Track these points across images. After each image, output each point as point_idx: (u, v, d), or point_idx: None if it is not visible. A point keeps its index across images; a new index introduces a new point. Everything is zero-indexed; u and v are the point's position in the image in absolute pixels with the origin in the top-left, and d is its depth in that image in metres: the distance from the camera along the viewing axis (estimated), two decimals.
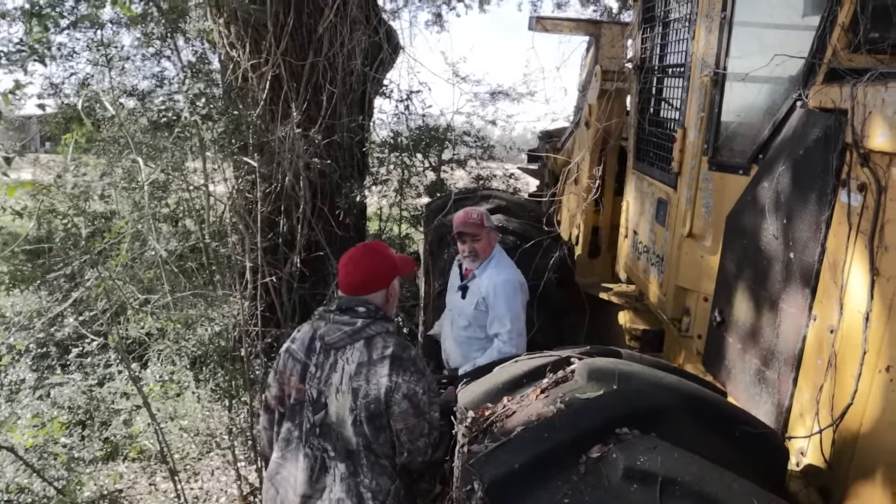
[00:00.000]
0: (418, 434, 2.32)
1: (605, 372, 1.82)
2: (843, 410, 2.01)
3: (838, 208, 2.10)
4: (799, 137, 2.42)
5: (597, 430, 1.58)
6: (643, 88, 3.74)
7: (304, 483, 2.37)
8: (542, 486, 1.52)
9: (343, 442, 2.34)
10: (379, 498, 2.33)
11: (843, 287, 2.06)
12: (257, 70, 5.64)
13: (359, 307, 2.41)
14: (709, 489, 1.43)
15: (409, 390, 2.29)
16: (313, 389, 2.39)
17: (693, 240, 3.07)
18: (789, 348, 2.32)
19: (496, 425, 1.77)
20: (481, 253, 3.38)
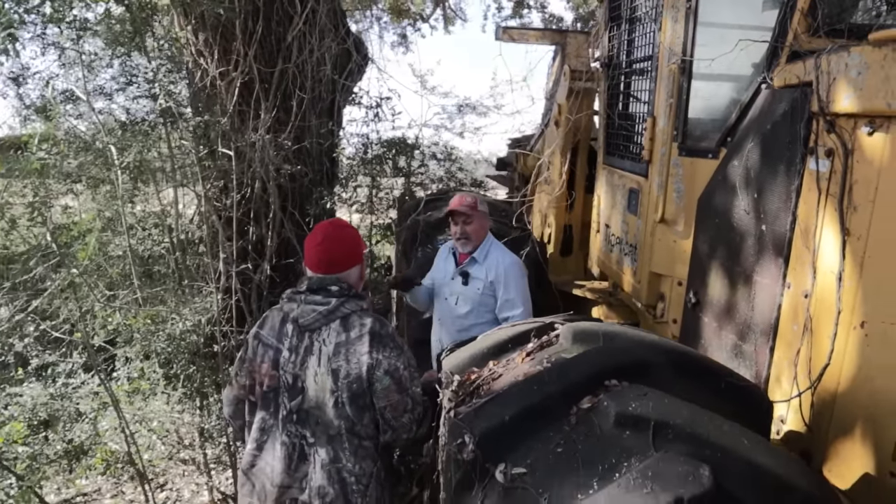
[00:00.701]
0: (402, 410, 2.27)
1: (589, 333, 1.82)
2: (820, 372, 2.04)
3: (807, 176, 2.17)
4: (765, 115, 2.50)
5: (586, 381, 1.58)
6: (612, 85, 3.82)
7: (282, 473, 2.28)
8: (534, 437, 1.50)
9: (323, 426, 2.26)
10: (362, 482, 2.27)
11: (816, 251, 2.11)
12: (226, 77, 5.60)
13: (331, 286, 2.34)
14: (700, 430, 1.43)
15: (390, 366, 2.24)
16: (288, 375, 2.30)
17: (665, 225, 3.12)
18: (765, 319, 2.37)
19: (482, 388, 1.76)
20: (472, 235, 3.36)
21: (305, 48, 5.80)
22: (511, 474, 1.46)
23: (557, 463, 1.44)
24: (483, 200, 3.45)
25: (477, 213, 3.33)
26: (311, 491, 2.26)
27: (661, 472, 1.31)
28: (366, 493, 2.27)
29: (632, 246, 3.44)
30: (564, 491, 1.38)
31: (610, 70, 3.84)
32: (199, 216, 4.44)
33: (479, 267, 3.35)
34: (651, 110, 3.17)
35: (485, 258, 3.36)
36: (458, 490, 1.51)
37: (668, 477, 1.30)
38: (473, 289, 3.32)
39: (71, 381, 3.77)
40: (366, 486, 2.27)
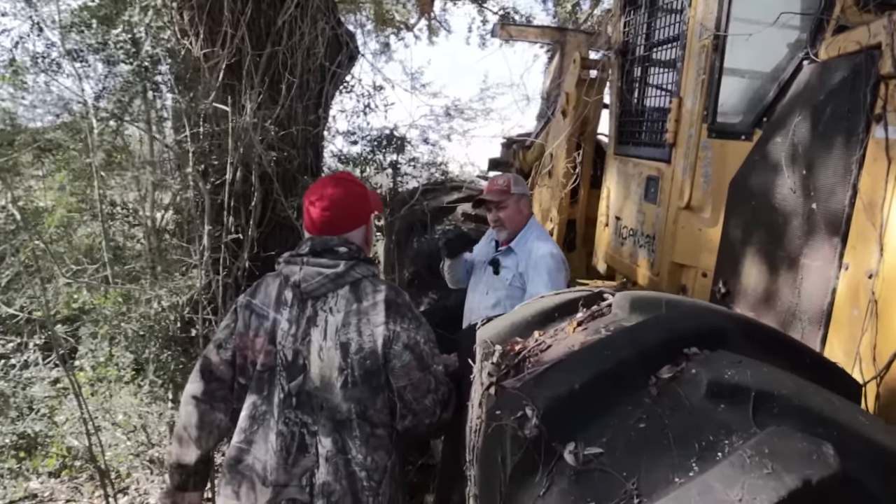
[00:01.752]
0: (425, 390, 1.96)
1: (650, 300, 1.59)
2: (890, 359, 1.84)
3: (872, 145, 1.99)
4: (815, 88, 2.33)
5: (664, 347, 1.34)
6: (627, 71, 3.65)
7: (277, 468, 1.93)
8: (609, 411, 1.26)
9: (329, 411, 1.93)
10: (375, 477, 1.93)
11: (883, 226, 1.92)
12: (210, 59, 5.30)
13: (339, 247, 2.02)
14: (811, 404, 1.20)
15: (409, 340, 1.94)
16: (287, 350, 1.97)
17: (691, 212, 2.92)
18: (815, 305, 2.17)
19: (529, 360, 1.51)
20: (508, 222, 3.02)
21: (296, 33, 5.55)
22: (584, 455, 1.20)
23: (641, 441, 1.20)
24: (519, 180, 3.11)
25: (511, 196, 3.00)
26: (314, 489, 1.90)
27: (779, 450, 1.08)
28: (378, 491, 1.93)
29: (648, 237, 3.24)
30: (656, 473, 1.13)
31: (625, 57, 3.66)
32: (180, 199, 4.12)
33: (512, 256, 3.00)
34: (677, 91, 2.98)
35: (521, 246, 3.00)
36: (517, 475, 1.25)
37: (788, 455, 1.07)
38: (502, 279, 2.98)
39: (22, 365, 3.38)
40: (378, 482, 1.93)
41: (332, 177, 2.21)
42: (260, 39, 5.52)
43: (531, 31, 5.74)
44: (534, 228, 3.06)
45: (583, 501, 1.13)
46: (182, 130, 4.87)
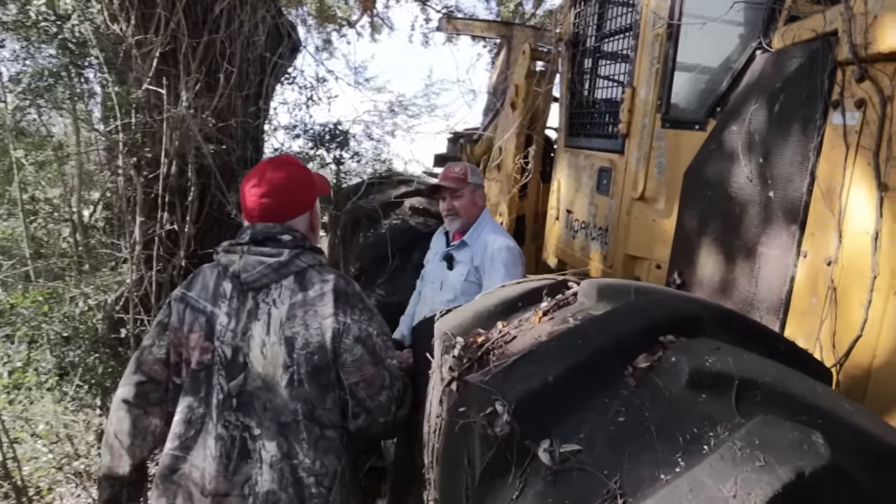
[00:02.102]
0: (379, 387, 1.81)
1: (618, 288, 1.51)
2: (850, 345, 1.82)
3: (830, 131, 1.97)
4: (769, 77, 2.31)
5: (639, 336, 1.26)
6: (577, 63, 3.60)
7: (217, 476, 1.75)
8: (586, 405, 1.16)
9: (273, 413, 1.77)
10: (324, 483, 1.77)
11: (842, 213, 1.90)
12: (143, 46, 5.01)
13: (282, 235, 1.86)
14: (795, 391, 1.14)
15: (361, 332, 1.79)
16: (226, 347, 1.81)
17: (644, 203, 2.89)
18: (773, 294, 2.15)
19: (494, 352, 1.40)
20: (462, 212, 2.90)
21: (235, 21, 5.31)
22: (560, 452, 1.10)
23: (622, 435, 1.11)
24: (475, 170, 2.99)
25: (467, 185, 2.88)
26: (257, 498, 1.74)
27: (769, 441, 1.01)
28: (328, 499, 1.78)
29: (601, 229, 3.19)
30: (640, 470, 1.04)
31: (576, 48, 3.62)
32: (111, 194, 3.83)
33: (466, 250, 2.89)
34: (630, 81, 2.95)
35: (476, 240, 2.89)
36: (486, 477, 1.14)
37: (779, 446, 1.00)
38: (457, 274, 2.85)
39: None
40: (328, 488, 1.77)
41: (272, 159, 2.03)
42: (197, 27, 5.25)
43: (477, 25, 5.66)
44: (488, 221, 2.96)
45: (561, 503, 1.03)
46: (113, 120, 4.58)
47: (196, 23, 5.26)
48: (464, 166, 2.97)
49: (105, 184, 3.83)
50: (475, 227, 2.91)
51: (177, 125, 4.28)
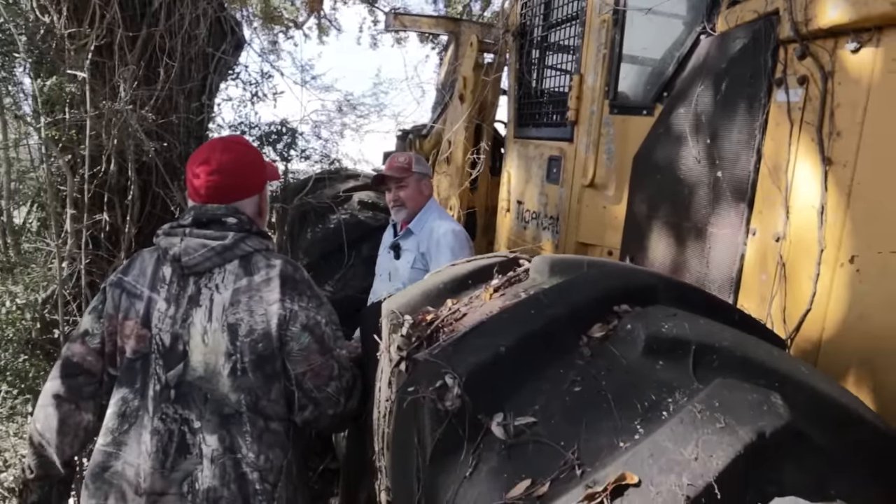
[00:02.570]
0: (327, 377, 1.73)
1: (570, 264, 1.47)
2: (799, 319, 1.83)
3: (774, 109, 1.98)
4: (714, 60, 2.33)
5: (594, 305, 1.22)
6: (524, 53, 3.59)
7: (153, 473, 1.64)
8: (540, 376, 1.11)
9: (215, 404, 1.67)
10: (269, 479, 1.68)
11: (788, 189, 1.91)
12: (77, 39, 4.79)
13: (227, 218, 1.77)
14: (752, 355, 1.11)
15: (309, 320, 1.72)
16: (165, 334, 1.71)
17: (595, 190, 2.88)
18: (724, 272, 2.15)
19: (444, 330, 1.34)
20: (408, 202, 2.88)
21: (174, 15, 5.13)
22: (515, 426, 1.05)
23: (578, 406, 1.06)
24: (420, 160, 2.97)
25: (412, 175, 2.87)
26: (196, 496, 1.63)
27: (729, 403, 0.98)
28: (273, 495, 1.68)
29: (552, 218, 3.18)
30: (598, 439, 1.00)
31: (523, 39, 3.60)
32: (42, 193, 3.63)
33: (412, 238, 2.86)
34: (578, 68, 2.94)
35: (421, 227, 2.87)
36: (437, 456, 1.07)
37: (739, 408, 0.97)
38: (404, 263, 2.83)
39: None
40: (273, 484, 1.68)
41: (222, 138, 1.94)
42: (134, 20, 5.06)
43: (425, 21, 5.62)
44: (434, 209, 2.94)
45: (517, 478, 0.98)
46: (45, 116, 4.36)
47: (133, 16, 5.07)
48: (408, 156, 2.94)
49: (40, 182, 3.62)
50: (420, 214, 2.89)
51: (115, 120, 4.09)
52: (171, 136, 4.95)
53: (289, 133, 5.66)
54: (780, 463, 0.96)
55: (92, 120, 4.35)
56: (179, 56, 4.91)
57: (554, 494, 0.93)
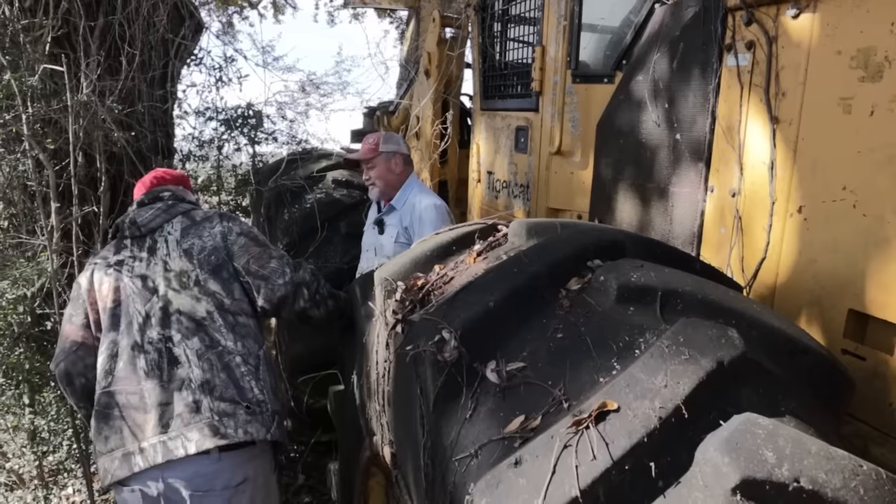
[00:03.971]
0: (267, 257, 2.10)
1: (545, 226, 1.60)
2: (756, 267, 1.99)
3: (726, 73, 2.12)
4: (669, 27, 2.45)
5: (570, 261, 1.35)
6: (486, 27, 3.67)
7: (155, 389, 1.88)
8: (525, 327, 1.24)
9: (188, 315, 1.97)
10: (250, 362, 1.95)
11: (741, 147, 2.07)
12: (31, 31, 4.71)
13: (164, 193, 2.23)
14: (711, 297, 1.26)
15: (242, 228, 2.15)
16: (135, 279, 2.04)
17: (562, 157, 3.01)
18: (686, 228, 2.31)
19: (434, 293, 1.46)
20: (378, 181, 3.00)
21: (131, 3, 5.06)
22: (507, 371, 1.18)
23: (561, 350, 1.20)
24: (390, 138, 3.07)
25: (379, 155, 2.98)
26: (195, 393, 1.86)
27: (692, 338, 1.12)
28: (258, 376, 1.95)
29: (522, 186, 3.30)
30: (581, 378, 1.14)
31: (485, 12, 3.68)
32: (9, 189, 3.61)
33: (395, 213, 2.99)
34: (539, 40, 3.04)
35: (403, 203, 2.99)
36: (440, 403, 1.20)
37: (700, 342, 1.12)
38: (388, 238, 2.96)
39: None
40: (255, 367, 1.96)
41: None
42: (90, 8, 4.98)
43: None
44: (415, 184, 3.05)
45: (512, 415, 1.11)
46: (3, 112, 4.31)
47: (89, 4, 4.99)
48: (377, 136, 3.06)
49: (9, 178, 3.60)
50: (402, 190, 2.99)
51: (82, 112, 4.06)
52: (138, 126, 4.93)
53: (255, 116, 5.65)
54: (737, 387, 1.11)
55: (57, 113, 4.32)
56: (140, 44, 4.87)
57: (546, 425, 1.07)
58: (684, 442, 1.00)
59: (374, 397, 1.65)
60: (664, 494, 0.98)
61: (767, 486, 0.92)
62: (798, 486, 0.93)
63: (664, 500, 0.97)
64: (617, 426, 0.99)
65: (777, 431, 0.97)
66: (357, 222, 3.56)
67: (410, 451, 1.35)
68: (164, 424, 1.84)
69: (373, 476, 2.05)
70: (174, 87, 5.43)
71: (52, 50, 4.54)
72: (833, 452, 0.98)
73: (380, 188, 3.01)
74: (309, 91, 8.10)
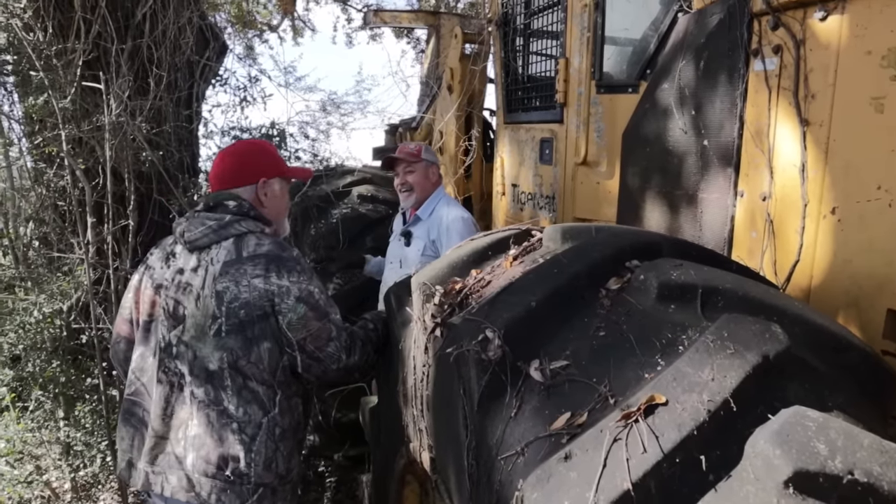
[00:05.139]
0: (326, 339, 1.94)
1: (579, 229, 1.62)
2: (790, 270, 1.99)
3: (753, 78, 2.13)
4: (694, 34, 2.47)
5: (609, 262, 1.36)
6: (508, 42, 3.72)
7: (157, 418, 1.92)
8: (568, 326, 1.25)
9: (202, 361, 1.90)
10: (247, 431, 1.88)
11: (771, 151, 2.07)
12: (63, 55, 4.85)
13: (228, 201, 2.05)
14: (752, 294, 1.26)
15: (301, 292, 1.92)
16: (170, 300, 1.97)
17: (588, 167, 3.02)
18: (716, 234, 2.30)
19: (472, 297, 1.48)
20: (416, 187, 3.01)
21: (158, 26, 5.20)
22: (551, 369, 1.19)
23: (604, 348, 1.21)
24: (430, 150, 3.10)
25: (421, 161, 2.99)
26: (186, 441, 1.87)
27: (736, 333, 1.12)
28: (251, 448, 1.87)
29: (548, 197, 3.32)
30: (625, 374, 1.14)
31: (507, 27, 3.73)
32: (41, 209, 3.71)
33: (421, 224, 2.98)
34: (563, 52, 3.08)
35: (430, 215, 2.99)
36: (485, 401, 1.21)
37: (745, 337, 1.12)
38: (414, 250, 2.95)
39: None
40: (251, 437, 1.88)
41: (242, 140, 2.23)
42: (119, 32, 5.12)
43: (405, 16, 5.73)
44: (442, 196, 3.07)
45: (557, 413, 1.12)
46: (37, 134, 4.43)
47: (118, 28, 5.13)
48: (418, 144, 3.09)
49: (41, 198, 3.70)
50: (428, 202, 3.00)
51: (113, 131, 4.17)
52: (166, 145, 5.04)
53: (278, 135, 5.75)
54: (783, 381, 1.11)
55: (87, 133, 4.43)
56: (167, 66, 4.99)
57: (592, 422, 1.07)
58: (733, 435, 1.00)
59: (412, 403, 1.66)
60: (715, 488, 0.98)
61: (821, 479, 0.92)
62: (852, 479, 0.92)
63: (715, 494, 0.97)
64: (666, 419, 0.99)
65: (828, 424, 0.97)
66: (383, 237, 3.60)
67: (452, 453, 1.35)
68: (154, 455, 1.90)
69: (407, 484, 2.05)
70: (199, 107, 5.55)
71: (84, 72, 4.67)
72: (886, 446, 0.97)
73: (415, 195, 3.03)
74: (330, 110, 8.21)
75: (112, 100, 4.62)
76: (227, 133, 5.46)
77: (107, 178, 3.50)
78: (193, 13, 5.55)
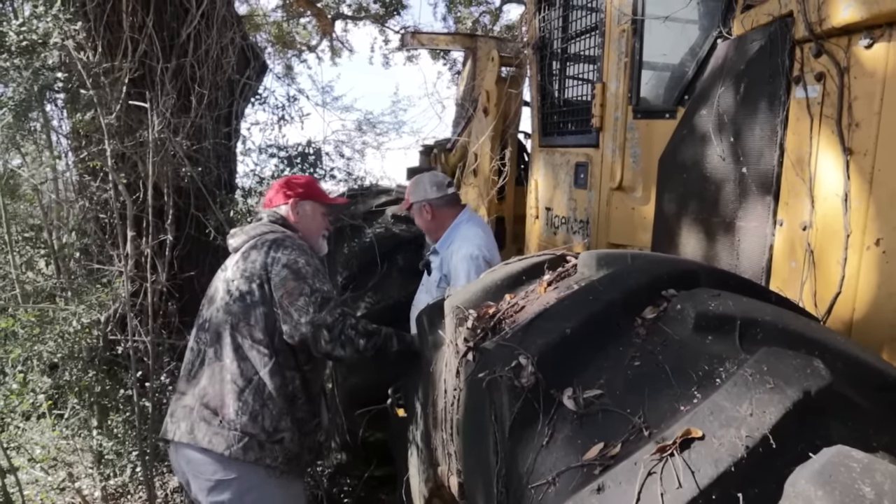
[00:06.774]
0: (297, 294, 2.20)
1: (616, 257, 1.60)
2: (831, 302, 1.94)
3: (794, 105, 2.10)
4: (732, 62, 2.45)
5: (645, 290, 1.34)
6: (545, 65, 3.73)
7: (182, 380, 2.30)
8: (602, 354, 1.24)
9: (214, 327, 2.27)
10: (238, 383, 2.16)
11: (812, 180, 2.03)
12: (111, 73, 5.02)
13: (264, 214, 2.52)
14: (792, 327, 1.23)
15: (289, 261, 2.25)
16: (212, 288, 2.40)
17: (623, 193, 3.00)
18: (754, 263, 2.26)
19: (505, 322, 1.47)
20: (423, 227, 3.14)
21: (202, 46, 5.35)
22: (584, 398, 1.17)
23: (639, 378, 1.19)
24: (418, 185, 3.08)
25: (412, 206, 3.11)
26: (196, 394, 2.19)
27: (776, 367, 1.09)
28: (240, 397, 2.15)
29: (582, 222, 3.30)
30: (661, 406, 1.12)
31: (543, 51, 3.75)
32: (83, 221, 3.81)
33: (437, 258, 3.05)
34: (600, 77, 3.07)
35: (445, 248, 3.02)
36: (516, 429, 1.20)
37: (785, 371, 1.09)
38: (433, 280, 3.03)
39: None
40: (241, 388, 2.16)
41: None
42: (164, 52, 5.29)
43: (442, 38, 5.80)
44: (461, 226, 3.01)
45: (590, 443, 1.10)
46: (83, 149, 4.57)
47: (164, 48, 5.29)
48: (410, 185, 3.16)
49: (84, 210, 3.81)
50: (446, 235, 3.02)
51: (157, 147, 4.28)
52: (205, 161, 5.15)
53: (315, 153, 5.83)
54: (825, 419, 1.08)
55: (131, 149, 4.56)
56: (209, 84, 5.12)
57: (626, 453, 1.05)
58: (772, 473, 0.97)
59: (442, 426, 1.65)
60: None
61: None
62: None
63: None
64: (702, 454, 0.97)
65: (874, 465, 0.94)
66: (415, 256, 3.61)
67: (482, 479, 1.34)
68: (175, 408, 2.25)
69: None
70: (238, 124, 5.66)
71: (129, 90, 4.82)
72: None
73: (432, 234, 3.14)
74: (365, 130, 8.31)
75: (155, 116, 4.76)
76: (265, 150, 5.56)
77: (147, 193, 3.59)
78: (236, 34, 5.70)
